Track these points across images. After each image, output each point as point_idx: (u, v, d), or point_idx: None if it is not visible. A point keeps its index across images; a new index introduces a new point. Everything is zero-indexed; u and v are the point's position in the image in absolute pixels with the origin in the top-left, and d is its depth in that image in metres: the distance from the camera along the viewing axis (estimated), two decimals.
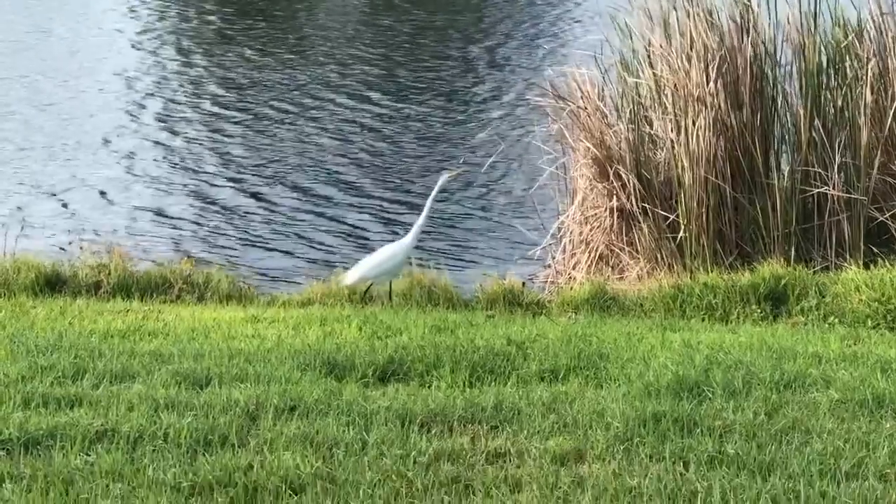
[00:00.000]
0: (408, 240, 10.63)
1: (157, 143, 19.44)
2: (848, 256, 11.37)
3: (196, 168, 17.85)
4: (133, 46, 29.15)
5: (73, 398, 7.11)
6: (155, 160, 18.35)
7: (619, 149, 12.04)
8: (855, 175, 11.57)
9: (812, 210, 11.76)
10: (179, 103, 22.48)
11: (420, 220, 10.68)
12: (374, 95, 22.31)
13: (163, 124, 20.73)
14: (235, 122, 20.69)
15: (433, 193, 10.79)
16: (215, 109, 21.83)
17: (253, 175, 17.41)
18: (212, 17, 32.27)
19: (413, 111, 21.40)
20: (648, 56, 12.33)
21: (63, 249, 12.10)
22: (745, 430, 6.65)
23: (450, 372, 7.94)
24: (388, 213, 15.43)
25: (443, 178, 10.92)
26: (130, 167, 17.88)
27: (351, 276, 10.60)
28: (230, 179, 17.22)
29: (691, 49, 11.92)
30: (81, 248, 11.40)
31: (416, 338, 8.89)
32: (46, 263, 11.21)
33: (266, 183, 16.99)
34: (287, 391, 7.25)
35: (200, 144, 19.28)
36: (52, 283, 11.02)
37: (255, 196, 16.36)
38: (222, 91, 23.71)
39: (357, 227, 14.96)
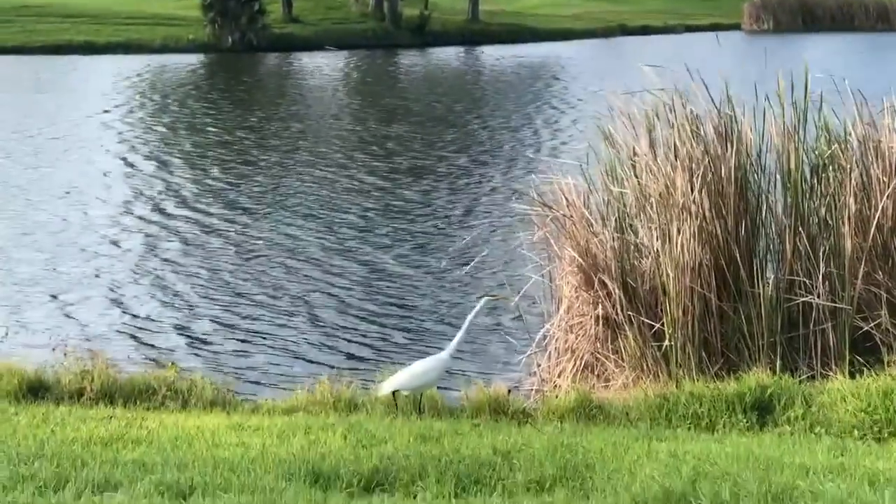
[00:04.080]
0: (446, 354, 10.65)
1: (141, 248, 19.47)
2: (833, 366, 11.34)
3: (183, 271, 17.86)
4: (115, 148, 29.31)
5: None
6: (140, 264, 18.35)
7: (605, 257, 12.06)
8: (839, 284, 11.58)
9: (797, 319, 11.73)
10: (165, 209, 22.54)
11: (459, 336, 10.74)
12: (354, 206, 22.48)
13: (147, 229, 20.76)
14: (221, 229, 20.73)
15: (473, 313, 10.85)
16: (201, 216, 21.89)
17: (241, 279, 17.43)
18: (199, 122, 32.49)
19: (396, 218, 21.49)
20: (633, 165, 12.38)
21: (45, 356, 11.98)
22: None
23: (435, 482, 7.86)
24: (368, 324, 15.42)
25: (483, 301, 11.04)
26: (114, 272, 17.88)
27: (387, 386, 10.56)
28: (218, 284, 17.22)
29: (676, 158, 11.99)
30: (65, 353, 11.30)
31: (402, 447, 8.81)
32: (29, 369, 11.12)
33: (252, 289, 17.00)
34: (272, 502, 7.17)
35: (186, 249, 19.30)
36: (34, 390, 10.92)
37: (241, 301, 16.35)
38: (209, 195, 23.78)
39: (339, 336, 14.94)
